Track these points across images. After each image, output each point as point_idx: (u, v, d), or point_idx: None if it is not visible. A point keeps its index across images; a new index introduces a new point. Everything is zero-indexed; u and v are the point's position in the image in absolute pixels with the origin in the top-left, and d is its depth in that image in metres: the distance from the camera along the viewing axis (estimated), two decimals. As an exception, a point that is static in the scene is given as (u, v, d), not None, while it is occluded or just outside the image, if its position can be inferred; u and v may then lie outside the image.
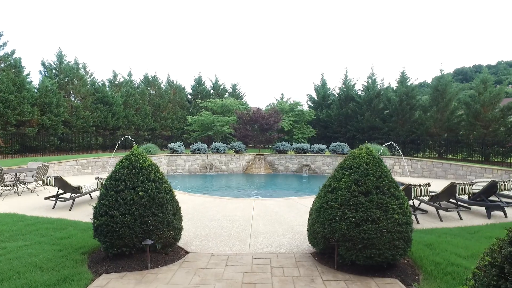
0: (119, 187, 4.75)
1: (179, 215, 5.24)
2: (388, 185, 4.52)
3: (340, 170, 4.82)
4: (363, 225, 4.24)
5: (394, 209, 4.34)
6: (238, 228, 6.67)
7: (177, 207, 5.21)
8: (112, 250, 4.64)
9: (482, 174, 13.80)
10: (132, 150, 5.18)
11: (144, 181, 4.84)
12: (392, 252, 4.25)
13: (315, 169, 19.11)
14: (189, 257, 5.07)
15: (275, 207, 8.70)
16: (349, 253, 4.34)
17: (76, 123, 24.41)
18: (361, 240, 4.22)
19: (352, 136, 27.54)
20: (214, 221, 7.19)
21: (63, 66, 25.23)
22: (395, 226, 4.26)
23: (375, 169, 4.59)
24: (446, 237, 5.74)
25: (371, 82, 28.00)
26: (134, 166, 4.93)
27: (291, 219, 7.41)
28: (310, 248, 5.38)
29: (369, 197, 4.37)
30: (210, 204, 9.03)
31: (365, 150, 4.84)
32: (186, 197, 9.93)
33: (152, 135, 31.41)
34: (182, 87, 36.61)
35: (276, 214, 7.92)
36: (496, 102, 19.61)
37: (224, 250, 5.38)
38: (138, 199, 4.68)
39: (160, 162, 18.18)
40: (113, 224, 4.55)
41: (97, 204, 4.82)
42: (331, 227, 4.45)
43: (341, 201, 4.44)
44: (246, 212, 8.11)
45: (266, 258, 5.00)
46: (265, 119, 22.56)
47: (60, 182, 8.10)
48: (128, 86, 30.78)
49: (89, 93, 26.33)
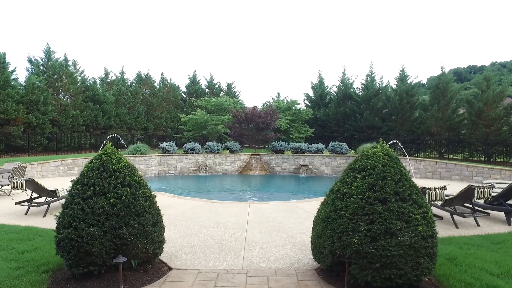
0: (87, 193, 3.97)
1: (160, 225, 4.46)
2: (409, 191, 3.77)
3: (351, 173, 4.07)
4: (381, 240, 3.49)
5: (418, 219, 3.59)
6: (231, 238, 5.90)
7: (158, 216, 4.43)
8: (77, 269, 3.84)
9: (489, 175, 13.15)
10: (104, 149, 4.40)
11: (118, 186, 4.06)
12: (416, 272, 3.50)
13: (313, 170, 18.38)
14: (172, 274, 4.29)
15: (272, 212, 7.93)
16: (364, 273, 3.59)
17: (65, 122, 23.47)
18: (378, 258, 3.47)
19: (351, 136, 26.86)
20: (204, 229, 6.41)
21: (51, 62, 24.26)
22: (420, 241, 3.52)
23: (393, 171, 3.85)
24: (468, 248, 5.01)
25: (369, 80, 27.36)
26: (105, 168, 4.15)
27: (290, 226, 6.65)
28: (314, 262, 4.62)
29: (387, 205, 3.62)
30: (201, 208, 8.25)
31: (380, 149, 4.10)
32: (175, 201, 9.13)
33: (145, 134, 30.51)
34: (176, 85, 35.75)
35: (273, 220, 7.16)
36: (499, 100, 18.99)
37: (214, 266, 4.61)
38: (109, 207, 3.90)
39: (151, 162, 17.34)
40: (78, 238, 3.76)
41: (61, 213, 4.03)
42: (341, 241, 3.70)
43: (353, 209, 3.69)
44: (241, 218, 7.34)
45: (262, 276, 4.23)
46: (261, 117, 21.79)
47: (33, 185, 7.27)
48: (120, 84, 29.88)
49: (79, 91, 25.36)
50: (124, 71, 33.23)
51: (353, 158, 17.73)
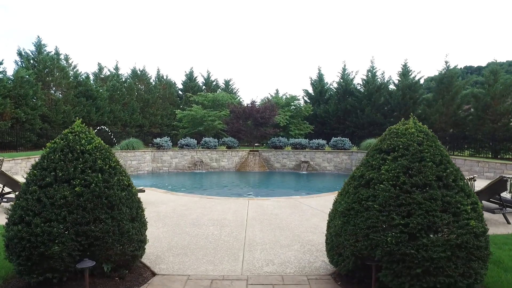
0: (46, 180, 3.14)
1: (141, 221, 3.64)
2: (453, 175, 2.99)
3: (377, 154, 3.27)
4: (422, 238, 2.69)
5: (467, 211, 2.80)
6: (227, 237, 5.08)
7: (138, 210, 3.61)
8: (31, 276, 3.02)
9: (502, 171, 12.39)
10: (72, 127, 3.58)
11: (86, 171, 3.24)
12: (469, 281, 2.70)
13: (314, 166, 17.57)
14: (155, 282, 3.47)
15: (274, 208, 7.12)
16: (398, 280, 2.79)
17: (56, 117, 22.53)
18: (420, 262, 2.66)
19: (351, 133, 26.05)
20: (197, 227, 5.59)
21: (42, 56, 23.32)
22: (472, 239, 2.72)
23: (432, 151, 3.05)
24: (510, 249, 4.23)
25: (371, 76, 26.61)
26: (71, 149, 3.33)
27: (295, 224, 5.84)
28: (329, 266, 3.82)
29: (428, 193, 2.82)
30: (195, 205, 7.42)
31: (413, 125, 3.31)
32: (167, 197, 8.30)
33: (140, 132, 29.58)
34: (172, 82, 34.88)
35: (276, 217, 6.34)
36: (507, 95, 18.27)
37: (207, 270, 3.79)
38: (74, 197, 3.08)
39: (144, 158, 16.46)
40: (31, 237, 2.93)
41: (12, 206, 3.21)
42: (369, 239, 2.89)
43: (383, 199, 2.89)
44: (239, 214, 6.52)
45: (267, 284, 3.42)
46: (260, 112, 20.94)
47: (4, 178, 6.42)
48: (114, 80, 28.94)
49: (71, 86, 24.43)
50: (118, 66, 32.28)
51: (356, 154, 16.93)
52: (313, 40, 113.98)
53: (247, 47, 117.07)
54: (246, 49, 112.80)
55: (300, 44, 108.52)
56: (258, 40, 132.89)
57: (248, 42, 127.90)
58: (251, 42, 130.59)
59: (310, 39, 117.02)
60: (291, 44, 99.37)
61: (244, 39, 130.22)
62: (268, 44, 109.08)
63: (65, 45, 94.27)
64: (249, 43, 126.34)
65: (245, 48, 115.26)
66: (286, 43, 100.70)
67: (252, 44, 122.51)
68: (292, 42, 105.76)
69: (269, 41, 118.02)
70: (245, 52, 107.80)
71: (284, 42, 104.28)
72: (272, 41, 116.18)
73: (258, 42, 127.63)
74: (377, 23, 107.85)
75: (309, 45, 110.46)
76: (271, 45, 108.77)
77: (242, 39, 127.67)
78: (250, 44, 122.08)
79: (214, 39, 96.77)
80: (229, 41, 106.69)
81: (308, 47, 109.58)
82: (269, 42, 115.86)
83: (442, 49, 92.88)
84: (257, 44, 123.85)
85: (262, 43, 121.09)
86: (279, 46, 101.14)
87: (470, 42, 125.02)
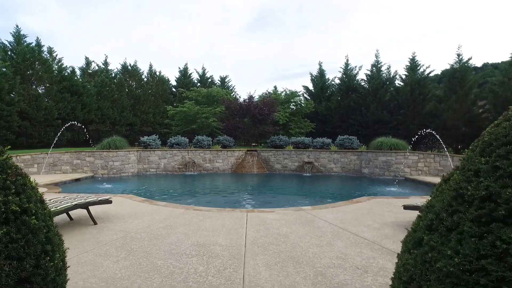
0: None
1: (59, 251, 1.92)
2: None
3: None
4: None
5: None
6: (217, 277, 3.38)
7: (50, 233, 1.90)
8: None
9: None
10: None
11: None
12: None
13: (319, 168, 15.88)
14: None
15: (281, 225, 5.43)
16: None
17: (36, 114, 20.69)
18: None
19: (355, 131, 24.43)
20: (174, 258, 3.89)
21: (21, 47, 21.47)
22: None
23: None
24: None
25: (375, 71, 24.98)
26: None
27: (314, 252, 4.15)
28: None
29: None
30: (177, 220, 5.71)
31: None
32: (144, 208, 6.58)
33: (131, 131, 27.80)
34: (166, 78, 33.06)
35: (285, 240, 4.65)
36: (529, 89, 16.75)
37: None
38: None
39: (129, 159, 14.67)
40: None
41: None
42: None
43: None
44: (235, 236, 4.82)
45: None
46: (259, 108, 19.24)
47: None
48: (103, 76, 27.11)
49: (54, 81, 22.58)
50: (108, 61, 30.26)
51: (366, 154, 15.25)
52: (312, 33, 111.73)
53: (244, 45, 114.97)
54: (243, 46, 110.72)
55: (299, 40, 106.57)
56: (255, 37, 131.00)
57: (245, 40, 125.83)
58: (248, 39, 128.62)
59: (310, 31, 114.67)
60: (289, 41, 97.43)
61: (242, 34, 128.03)
62: (265, 40, 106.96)
63: (48, 38, 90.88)
64: (246, 40, 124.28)
65: (242, 45, 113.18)
66: (285, 40, 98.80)
67: (249, 41, 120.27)
68: (291, 39, 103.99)
69: (267, 38, 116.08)
70: (243, 49, 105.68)
71: (282, 38, 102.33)
72: (270, 38, 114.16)
73: (256, 39, 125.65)
74: (381, 14, 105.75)
75: (308, 40, 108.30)
76: (269, 42, 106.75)
77: (240, 35, 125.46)
78: (247, 41, 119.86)
79: (211, 35, 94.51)
80: (227, 38, 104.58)
81: (307, 43, 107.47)
82: (267, 39, 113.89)
83: (453, 42, 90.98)
84: (254, 41, 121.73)
85: (259, 40, 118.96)
86: (277, 43, 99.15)
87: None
